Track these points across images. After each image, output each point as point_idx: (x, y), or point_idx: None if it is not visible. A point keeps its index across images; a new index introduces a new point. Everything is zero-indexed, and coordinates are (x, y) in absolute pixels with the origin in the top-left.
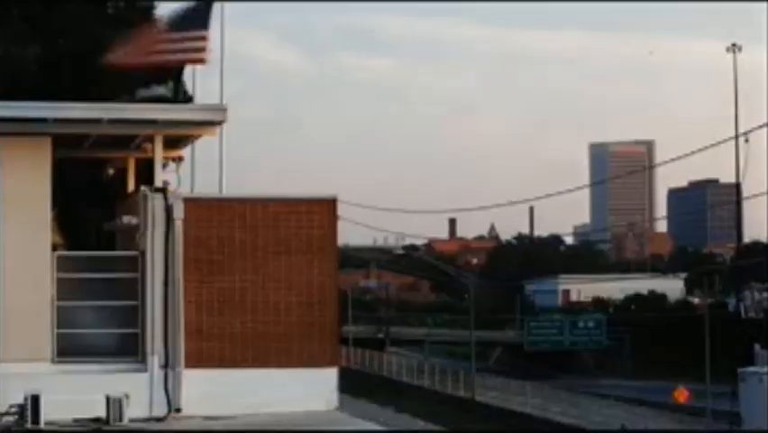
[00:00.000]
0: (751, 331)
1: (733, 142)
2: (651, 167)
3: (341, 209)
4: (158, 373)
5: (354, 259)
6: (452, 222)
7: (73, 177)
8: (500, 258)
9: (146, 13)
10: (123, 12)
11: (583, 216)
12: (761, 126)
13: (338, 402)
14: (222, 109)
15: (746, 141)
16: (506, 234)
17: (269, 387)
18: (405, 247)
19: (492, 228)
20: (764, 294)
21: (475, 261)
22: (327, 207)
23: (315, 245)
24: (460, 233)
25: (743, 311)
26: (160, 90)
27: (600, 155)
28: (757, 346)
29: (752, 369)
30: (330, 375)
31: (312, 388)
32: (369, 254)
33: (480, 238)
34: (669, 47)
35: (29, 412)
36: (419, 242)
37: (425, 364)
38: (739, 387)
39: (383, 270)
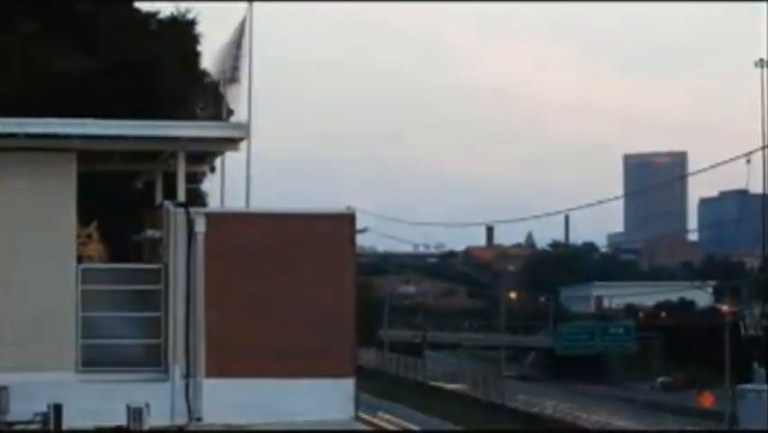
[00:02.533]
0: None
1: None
2: (682, 177)
3: (383, 223)
4: (179, 383)
5: (394, 266)
6: (490, 230)
7: (104, 190)
8: (536, 265)
9: (188, 28)
10: (165, 27)
11: (617, 225)
12: (763, 147)
13: (355, 412)
14: (243, 127)
15: (748, 161)
16: (542, 241)
17: (288, 397)
18: (443, 255)
19: (529, 236)
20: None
21: (511, 267)
22: (346, 222)
23: (333, 259)
24: (497, 240)
25: (743, 329)
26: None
27: (634, 165)
28: (755, 364)
29: (751, 386)
30: (347, 385)
31: (330, 398)
32: (408, 261)
33: (517, 246)
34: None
35: (52, 421)
36: (458, 249)
37: (458, 369)
38: (738, 404)
39: (421, 276)
